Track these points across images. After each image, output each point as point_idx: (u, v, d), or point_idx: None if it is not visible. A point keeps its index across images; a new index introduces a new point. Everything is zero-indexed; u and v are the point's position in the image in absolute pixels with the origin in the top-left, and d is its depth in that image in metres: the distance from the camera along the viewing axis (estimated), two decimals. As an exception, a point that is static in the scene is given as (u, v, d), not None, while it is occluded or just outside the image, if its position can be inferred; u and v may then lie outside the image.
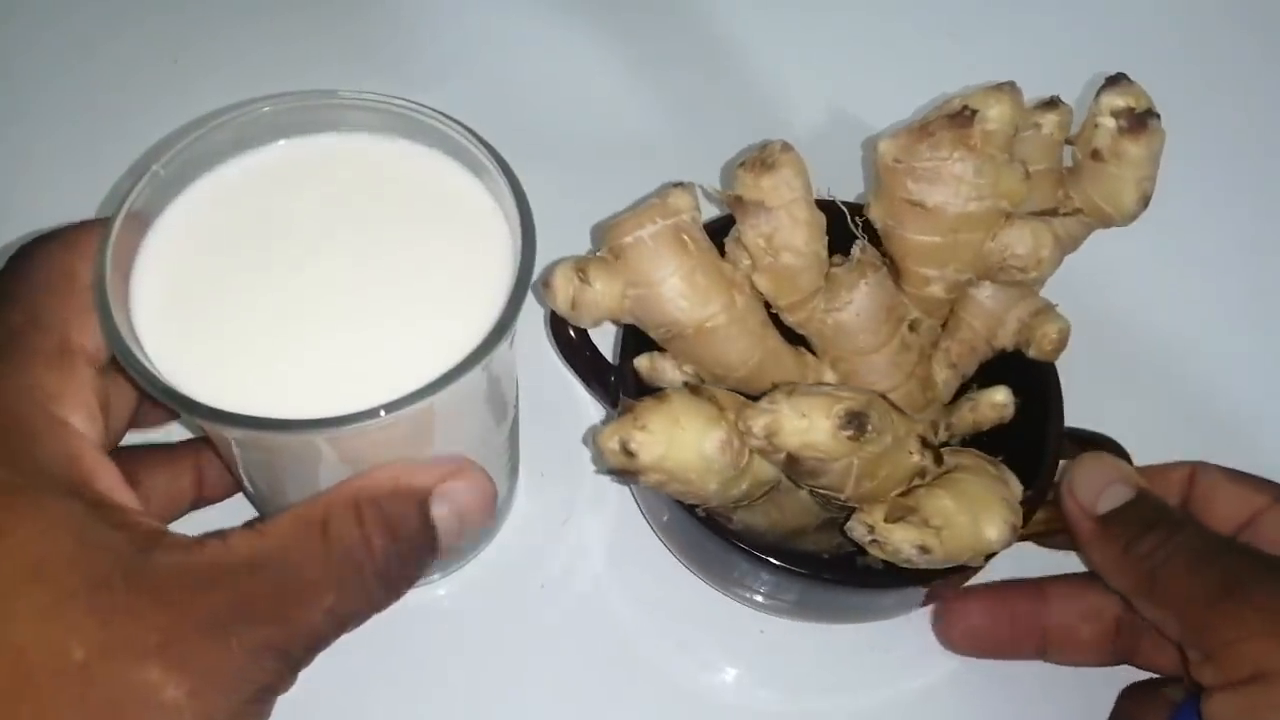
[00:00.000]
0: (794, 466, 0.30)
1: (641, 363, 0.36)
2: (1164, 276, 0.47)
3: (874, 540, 0.30)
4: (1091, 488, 0.33)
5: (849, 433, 0.29)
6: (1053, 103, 0.34)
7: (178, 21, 0.53)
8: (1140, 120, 0.32)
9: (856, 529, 0.31)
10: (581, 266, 0.33)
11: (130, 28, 0.53)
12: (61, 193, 0.46)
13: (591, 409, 0.42)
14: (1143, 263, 0.46)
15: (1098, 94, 0.33)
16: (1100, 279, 0.41)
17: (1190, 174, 0.41)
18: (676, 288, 0.33)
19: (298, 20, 0.54)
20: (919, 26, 0.55)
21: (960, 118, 0.31)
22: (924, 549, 0.30)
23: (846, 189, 0.36)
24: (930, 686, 0.38)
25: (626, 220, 0.33)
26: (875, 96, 0.50)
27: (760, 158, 0.33)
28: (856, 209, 0.35)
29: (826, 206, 0.34)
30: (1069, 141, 0.35)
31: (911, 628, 0.37)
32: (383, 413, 0.26)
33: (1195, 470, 0.36)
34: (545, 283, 0.33)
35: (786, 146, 0.33)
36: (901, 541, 0.30)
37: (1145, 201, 0.34)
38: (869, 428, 0.29)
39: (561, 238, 0.34)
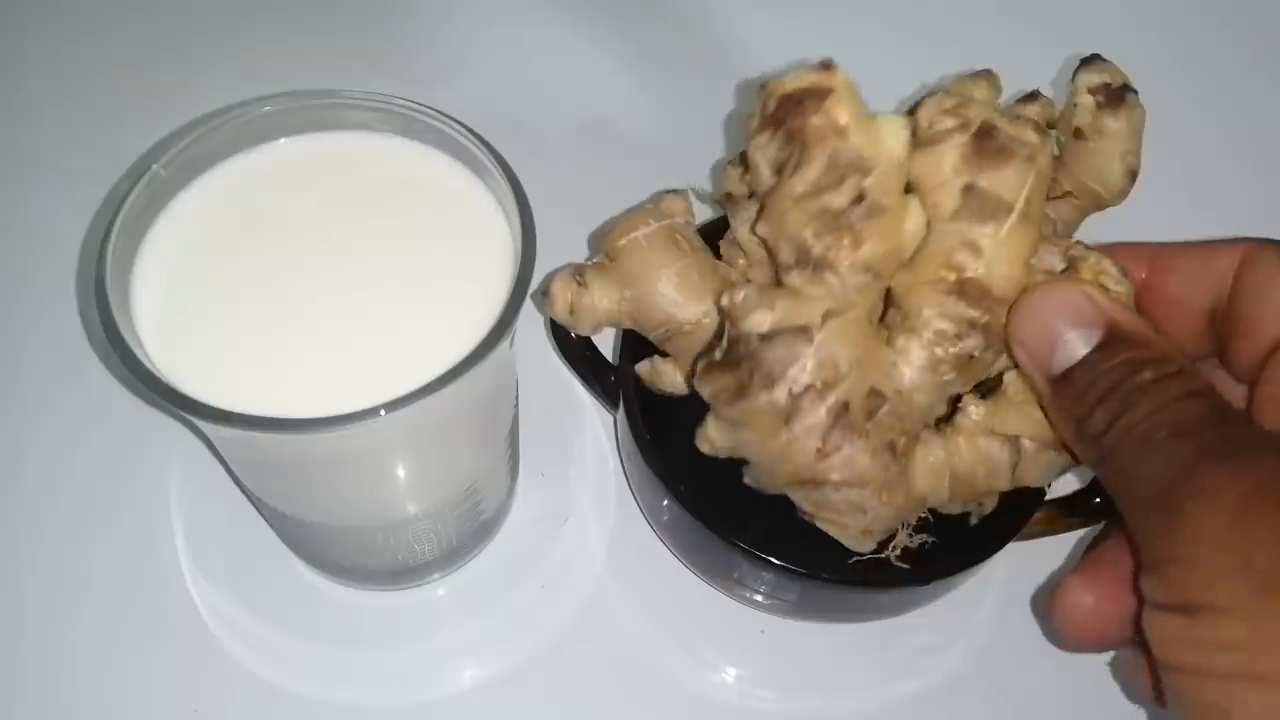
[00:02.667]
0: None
1: (642, 368, 0.36)
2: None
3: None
4: (1041, 337, 0.26)
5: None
6: (1033, 95, 0.35)
7: (178, 21, 0.53)
8: (1118, 94, 0.32)
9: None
10: (579, 273, 0.33)
11: (131, 27, 0.53)
12: (62, 193, 0.46)
13: (592, 409, 0.42)
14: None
15: (1074, 75, 0.33)
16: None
17: (1183, 164, 0.41)
18: (672, 285, 0.33)
19: (298, 19, 0.54)
20: (913, 24, 0.56)
21: None
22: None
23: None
24: (930, 686, 0.37)
25: (620, 224, 0.33)
26: (871, 95, 0.50)
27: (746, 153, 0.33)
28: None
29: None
30: (1050, 126, 0.35)
31: (911, 628, 0.37)
32: (383, 412, 0.26)
33: (1247, 254, 0.28)
34: (544, 291, 0.33)
35: None
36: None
37: (1132, 176, 0.34)
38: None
39: (561, 237, 0.34)
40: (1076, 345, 0.26)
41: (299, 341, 0.29)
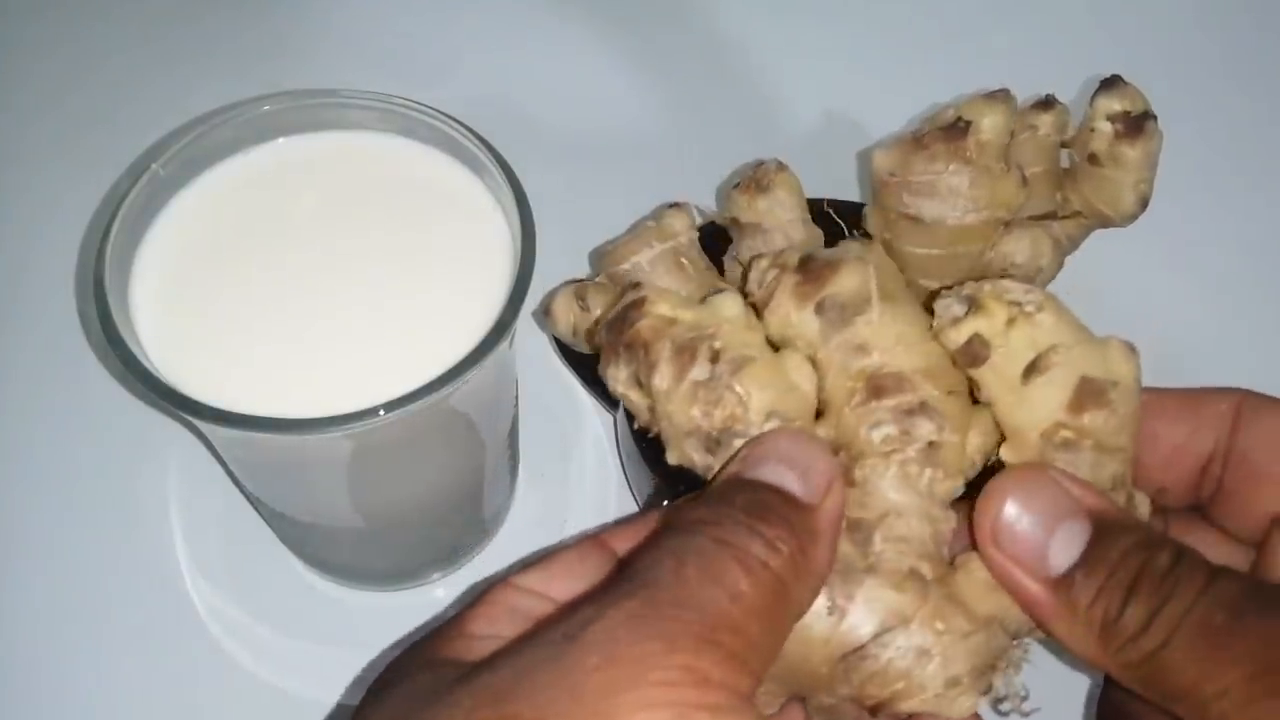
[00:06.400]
0: None
1: None
2: (1165, 279, 0.47)
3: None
4: (1030, 536, 0.24)
5: None
6: (1048, 103, 0.34)
7: (176, 21, 0.53)
8: (1137, 124, 0.32)
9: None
10: (581, 294, 0.33)
11: (128, 25, 0.53)
12: (61, 193, 0.46)
13: (591, 409, 0.42)
14: (1143, 266, 0.46)
15: (1093, 97, 0.33)
16: (1100, 284, 0.41)
17: (1189, 175, 0.41)
18: None
19: (296, 18, 0.54)
20: (918, 26, 0.55)
21: (954, 130, 0.30)
22: None
23: (846, 188, 0.36)
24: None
25: (623, 246, 0.32)
26: (875, 96, 0.50)
27: (754, 179, 0.33)
28: (852, 209, 0.35)
29: (822, 210, 0.34)
30: (1065, 145, 0.34)
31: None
32: (382, 412, 0.26)
33: (1245, 404, 0.27)
34: (546, 310, 0.33)
35: (781, 166, 0.33)
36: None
37: (1144, 203, 0.33)
38: None
39: (561, 237, 0.34)
40: (1069, 543, 0.23)
41: (298, 341, 0.29)
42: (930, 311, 0.26)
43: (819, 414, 0.26)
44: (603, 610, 0.21)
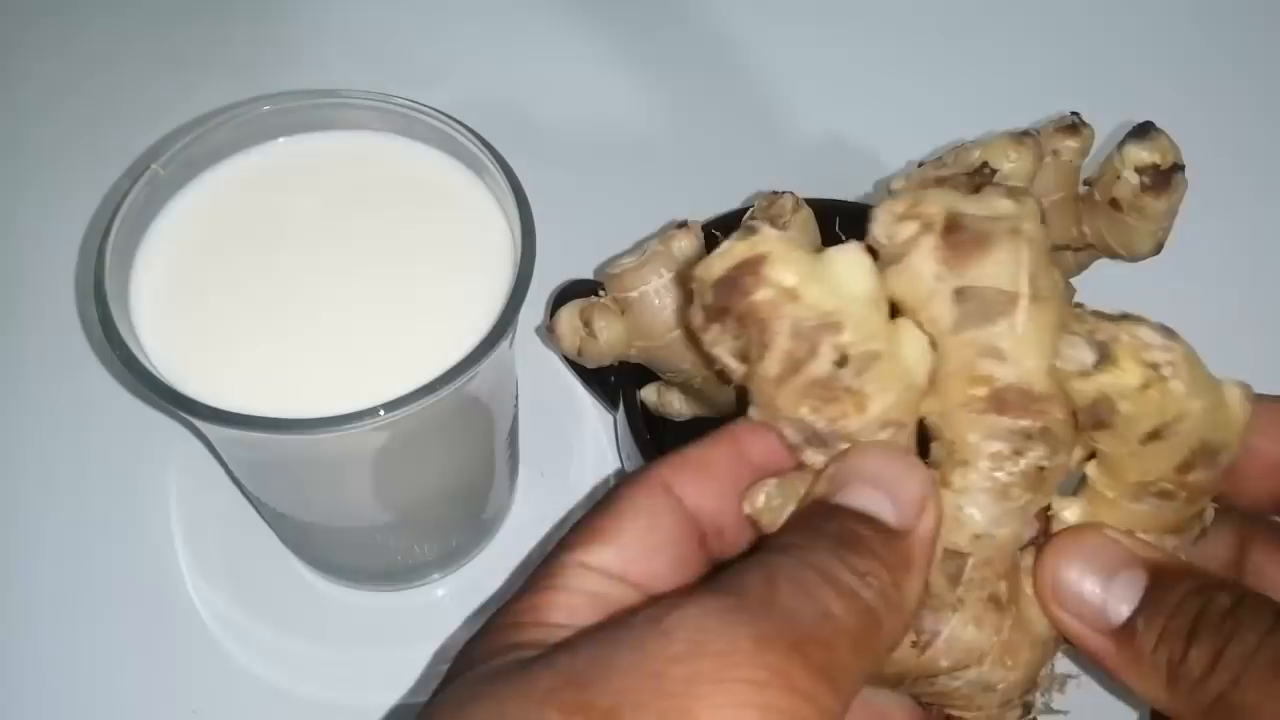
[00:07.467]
0: None
1: (648, 395, 0.35)
2: (1164, 279, 0.47)
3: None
4: (1088, 590, 0.24)
5: None
6: (1074, 127, 0.33)
7: (175, 21, 0.53)
8: (1165, 178, 0.31)
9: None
10: (587, 317, 0.32)
11: (130, 27, 0.53)
12: (61, 192, 0.46)
13: (591, 409, 0.42)
14: (1142, 266, 0.46)
15: (1123, 143, 0.31)
16: (1099, 284, 0.40)
17: (1191, 175, 0.41)
18: (684, 342, 0.32)
19: (296, 18, 0.54)
20: (921, 25, 0.55)
21: (979, 175, 0.29)
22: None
23: (848, 189, 0.36)
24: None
25: (631, 271, 0.32)
26: (874, 93, 0.50)
27: (769, 215, 0.32)
28: (858, 211, 0.35)
29: (825, 210, 0.34)
30: (1087, 183, 0.33)
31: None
32: (382, 412, 0.26)
33: None
34: (550, 329, 0.33)
35: (797, 204, 0.32)
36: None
37: (1159, 248, 0.32)
38: None
39: (561, 237, 0.34)
40: (1127, 592, 0.23)
41: (298, 341, 0.29)
42: None
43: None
44: (690, 599, 0.20)
